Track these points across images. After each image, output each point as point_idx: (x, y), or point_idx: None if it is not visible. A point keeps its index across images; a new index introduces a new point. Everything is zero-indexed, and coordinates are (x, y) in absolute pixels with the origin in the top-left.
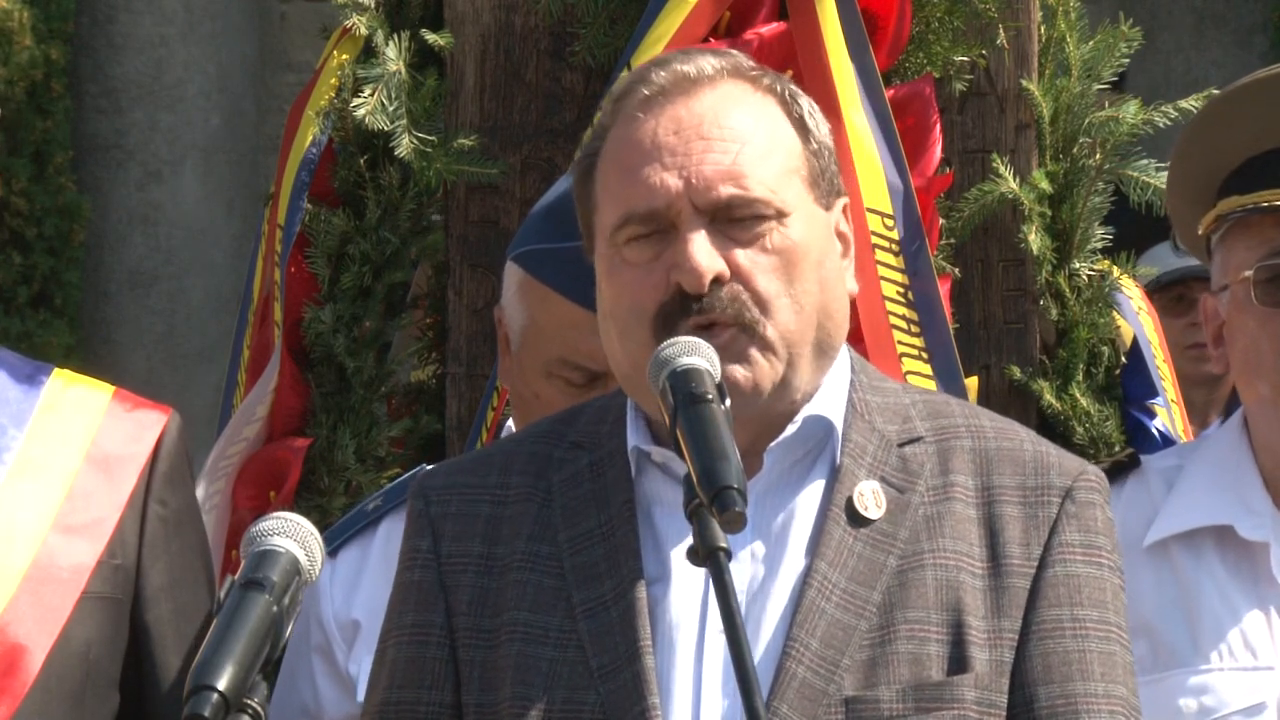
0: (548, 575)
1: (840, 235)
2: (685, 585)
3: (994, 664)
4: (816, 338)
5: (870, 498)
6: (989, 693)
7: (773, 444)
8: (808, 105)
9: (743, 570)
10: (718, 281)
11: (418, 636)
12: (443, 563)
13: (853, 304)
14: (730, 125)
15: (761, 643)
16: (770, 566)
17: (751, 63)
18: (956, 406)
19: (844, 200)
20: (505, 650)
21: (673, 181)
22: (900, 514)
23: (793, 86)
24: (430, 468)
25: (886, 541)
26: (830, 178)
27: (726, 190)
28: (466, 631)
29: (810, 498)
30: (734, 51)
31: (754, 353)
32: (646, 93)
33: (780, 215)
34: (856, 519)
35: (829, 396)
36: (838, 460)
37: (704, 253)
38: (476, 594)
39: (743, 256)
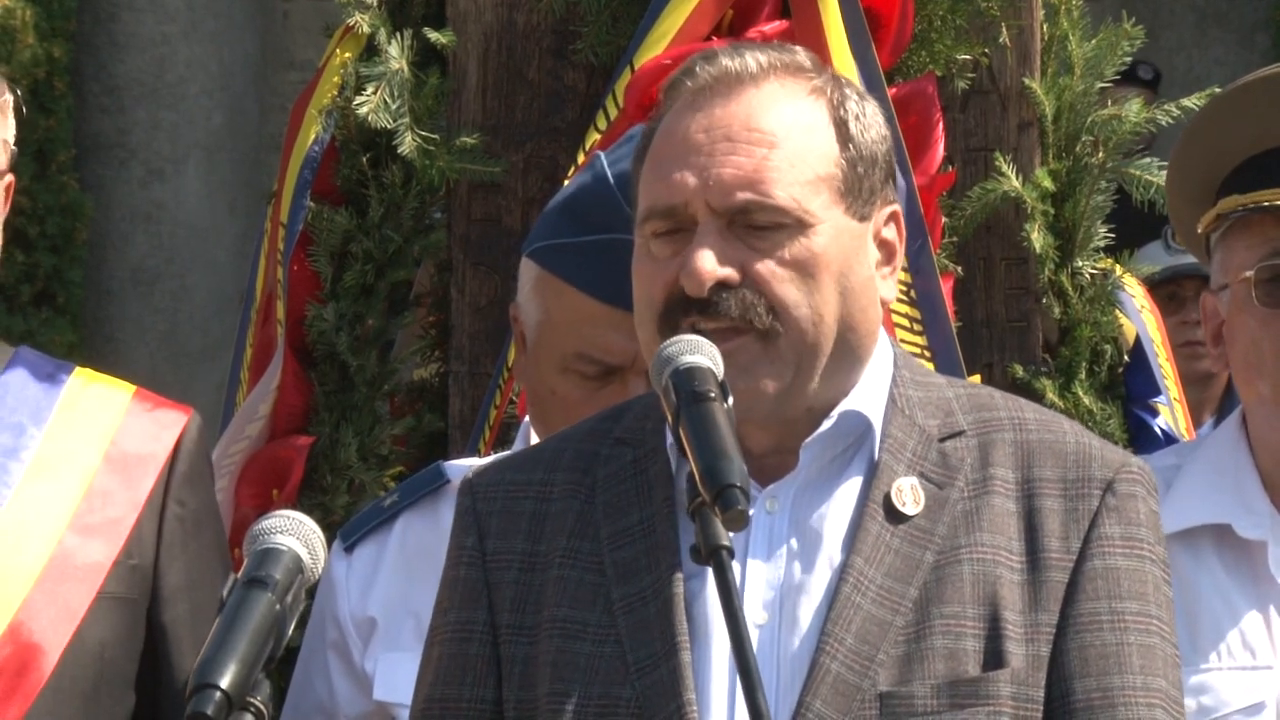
0: (588, 571)
1: (885, 243)
2: None
3: (1031, 659)
4: (836, 348)
5: (909, 494)
6: (1026, 688)
7: (809, 440)
8: (858, 109)
9: (779, 566)
10: (725, 286)
11: (461, 634)
12: (487, 560)
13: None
14: (762, 128)
15: (797, 638)
16: (806, 562)
17: (808, 60)
18: (1001, 399)
19: (893, 207)
20: (545, 646)
21: (692, 180)
22: (938, 510)
23: (848, 89)
24: (480, 465)
25: (924, 537)
26: (872, 186)
27: (743, 195)
28: (508, 628)
29: (848, 494)
30: (791, 47)
31: (761, 361)
32: (691, 87)
33: (801, 225)
34: (894, 515)
35: (867, 392)
36: (876, 456)
37: (708, 257)
38: (519, 591)
39: (759, 263)
